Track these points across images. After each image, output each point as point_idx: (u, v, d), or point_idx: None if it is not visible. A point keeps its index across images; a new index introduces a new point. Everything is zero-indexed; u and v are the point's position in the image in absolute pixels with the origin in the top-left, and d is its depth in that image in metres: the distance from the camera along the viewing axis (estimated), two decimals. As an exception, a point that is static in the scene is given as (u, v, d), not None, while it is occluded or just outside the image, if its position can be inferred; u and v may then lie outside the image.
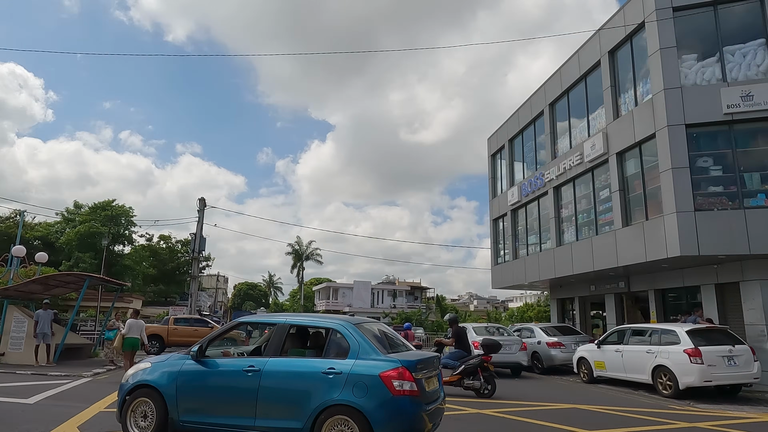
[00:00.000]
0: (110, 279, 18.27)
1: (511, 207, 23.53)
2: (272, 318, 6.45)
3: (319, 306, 69.20)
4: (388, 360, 5.16)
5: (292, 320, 6.03)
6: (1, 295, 16.61)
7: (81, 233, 38.77)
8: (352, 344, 5.32)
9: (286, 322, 5.91)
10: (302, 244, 66.34)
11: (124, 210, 42.71)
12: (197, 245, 32.89)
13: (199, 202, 34.13)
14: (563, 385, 13.53)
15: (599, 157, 16.68)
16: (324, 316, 6.69)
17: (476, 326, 17.39)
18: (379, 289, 69.89)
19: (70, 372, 13.39)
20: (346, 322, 5.70)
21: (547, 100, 20.54)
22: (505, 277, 24.15)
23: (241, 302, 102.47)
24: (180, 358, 5.96)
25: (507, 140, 24.47)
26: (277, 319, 6.15)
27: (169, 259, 47.03)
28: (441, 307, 73.02)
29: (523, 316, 70.09)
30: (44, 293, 18.26)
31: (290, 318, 6.07)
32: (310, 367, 5.32)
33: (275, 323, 6.03)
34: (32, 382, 11.62)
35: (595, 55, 17.22)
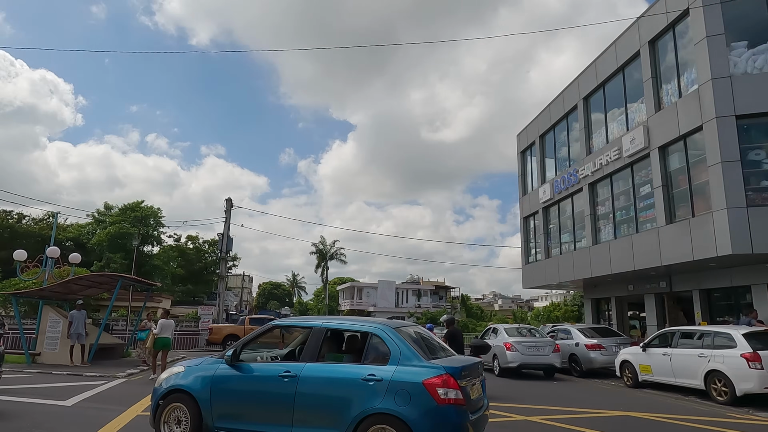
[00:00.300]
0: (142, 279, 18.37)
1: (542, 204, 22.90)
2: (307, 321, 6.21)
3: (344, 306, 69.17)
4: (431, 366, 4.91)
5: (329, 324, 5.81)
6: (36, 295, 16.85)
7: (111, 234, 39.43)
8: (392, 349, 5.07)
9: (322, 325, 5.69)
10: (326, 244, 66.51)
11: (152, 211, 43.30)
12: (225, 245, 33.09)
13: (225, 202, 34.34)
14: (606, 389, 12.96)
15: (639, 152, 16.00)
16: (361, 319, 6.42)
17: (507, 327, 17.06)
18: (404, 289, 69.49)
19: (105, 372, 13.42)
20: (385, 326, 5.45)
21: (581, 94, 19.88)
22: (537, 277, 23.53)
23: (265, 301, 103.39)
24: (214, 362, 5.80)
25: (537, 136, 23.85)
26: (312, 322, 5.93)
27: (197, 259, 47.53)
28: (466, 307, 72.36)
29: (549, 316, 68.89)
30: (78, 294, 18.46)
31: (326, 321, 5.86)
32: (349, 374, 5.10)
33: (311, 327, 5.80)
34: (68, 383, 11.64)
35: (634, 46, 16.53)
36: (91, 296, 20.03)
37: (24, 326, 16.80)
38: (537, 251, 24.01)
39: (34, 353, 15.62)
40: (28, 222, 46.33)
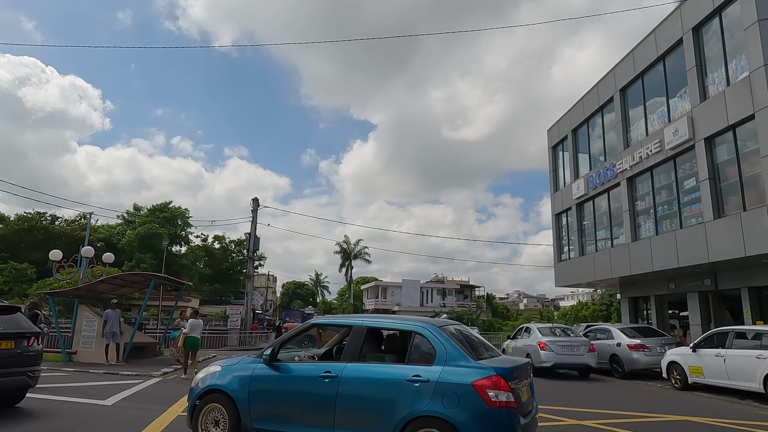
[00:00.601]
0: (174, 278, 18.45)
1: (576, 200, 22.26)
2: (348, 320, 6.00)
3: (368, 305, 69.05)
4: (480, 367, 4.68)
5: (370, 322, 5.58)
6: (72, 294, 17.04)
7: (141, 234, 40.05)
8: (438, 349, 4.86)
9: (363, 324, 5.48)
10: (350, 243, 66.47)
11: (180, 211, 43.87)
12: (252, 244, 33.24)
13: (252, 202, 34.53)
14: (654, 392, 12.39)
15: (683, 144, 15.32)
16: (403, 318, 6.19)
17: (541, 326, 16.68)
18: (428, 288, 68.99)
19: (140, 371, 13.44)
20: (429, 324, 5.23)
21: (618, 86, 19.20)
22: (571, 275, 22.89)
23: (289, 301, 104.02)
24: (251, 361, 5.66)
25: (570, 130, 23.19)
26: (352, 321, 5.71)
27: (223, 258, 47.97)
28: (492, 306, 71.51)
29: (577, 315, 67.58)
30: (111, 293, 18.62)
31: (367, 320, 5.63)
32: (392, 374, 4.88)
33: (351, 325, 5.61)
34: (106, 381, 11.65)
35: (676, 33, 15.84)
36: (125, 295, 20.22)
37: (59, 325, 17.03)
38: (570, 249, 23.37)
39: (71, 352, 15.79)
40: (61, 223, 47.47)
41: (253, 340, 30.81)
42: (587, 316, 67.17)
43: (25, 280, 36.31)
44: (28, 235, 42.76)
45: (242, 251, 47.89)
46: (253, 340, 30.72)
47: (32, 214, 45.85)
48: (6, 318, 7.59)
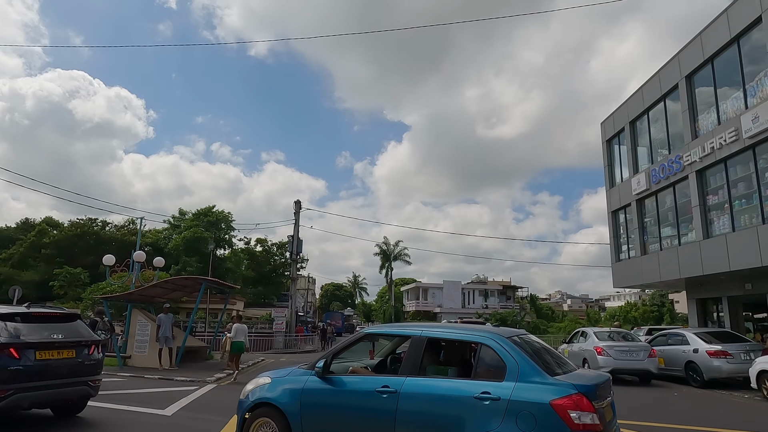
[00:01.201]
0: (223, 282, 18.39)
1: (636, 196, 20.97)
2: (405, 329, 5.52)
3: (409, 307, 68.40)
4: (558, 384, 4.19)
5: (430, 332, 5.14)
6: (125, 299, 17.17)
7: (187, 238, 40.72)
8: (508, 363, 4.38)
9: (422, 334, 5.04)
10: (390, 245, 65.94)
11: (223, 215, 44.44)
12: (295, 247, 33.18)
13: (294, 204, 34.48)
14: (744, 404, 11.26)
15: (764, 132, 14.02)
16: (466, 327, 5.67)
17: (598, 331, 16.09)
18: (470, 289, 67.76)
19: (194, 377, 13.28)
20: (496, 334, 4.74)
21: (683, 72, 17.91)
22: (632, 275, 21.59)
23: (328, 303, 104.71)
24: (302, 373, 5.33)
25: (627, 122, 21.90)
26: (411, 330, 5.26)
27: (266, 261, 48.36)
28: (536, 307, 69.47)
29: (626, 317, 64.86)
30: (163, 297, 18.72)
31: (427, 329, 5.19)
32: (458, 390, 4.45)
33: (409, 335, 5.17)
34: (162, 388, 11.49)
35: (754, 11, 14.52)
36: (174, 299, 20.33)
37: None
38: (630, 247, 22.06)
39: (125, 356, 15.87)
40: (111, 229, 48.99)
41: (299, 342, 30.70)
42: (637, 318, 64.42)
43: (79, 284, 37.51)
44: (80, 240, 44.29)
45: (284, 254, 48.17)
46: (299, 343, 30.61)
47: (84, 220, 47.58)
48: (66, 326, 7.39)
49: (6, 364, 6.38)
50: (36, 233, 46.46)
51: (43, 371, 6.72)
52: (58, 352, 6.96)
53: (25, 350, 6.60)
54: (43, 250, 43.93)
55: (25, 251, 44.66)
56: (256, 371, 16.18)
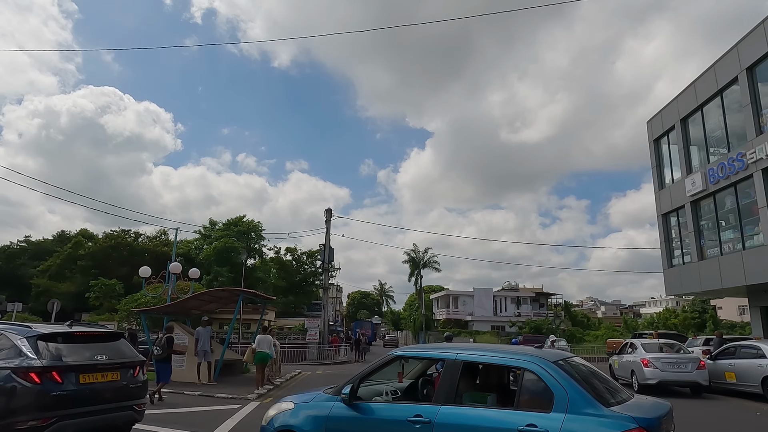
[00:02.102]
0: (260, 293, 17.92)
1: (691, 198, 19.71)
2: (438, 351, 5.05)
3: (439, 315, 67.24)
4: (615, 417, 3.71)
5: (466, 355, 4.65)
6: (162, 311, 16.86)
7: (218, 248, 40.71)
8: (556, 391, 3.92)
9: (458, 357, 4.57)
10: (418, 252, 64.98)
11: (253, 224, 44.38)
12: (327, 255, 32.68)
13: (325, 212, 34.05)
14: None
15: None
16: (506, 349, 5.12)
17: (646, 342, 15.82)
18: (501, 297, 66.25)
19: (234, 393, 12.74)
20: (540, 358, 4.26)
21: (744, 64, 16.72)
22: (688, 282, 20.27)
23: (355, 311, 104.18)
24: (327, 399, 4.97)
25: (678, 120, 20.70)
26: (444, 353, 4.80)
27: (296, 270, 48.08)
28: (570, 315, 67.44)
29: (665, 323, 62.34)
30: (199, 309, 18.36)
31: (462, 352, 4.70)
32: (500, 422, 4.01)
33: (443, 358, 4.73)
34: (204, 406, 10.97)
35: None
36: (211, 311, 19.97)
37: (150, 340, 16.86)
38: (684, 252, 20.76)
39: (163, 370, 15.43)
40: (143, 240, 49.51)
41: (333, 354, 30.08)
42: (677, 325, 61.81)
43: (114, 295, 37.80)
44: (114, 251, 44.82)
45: (314, 262, 47.82)
46: (333, 355, 29.99)
47: (118, 231, 48.17)
48: (110, 346, 6.86)
49: (48, 389, 5.87)
50: (72, 245, 47.27)
51: (86, 396, 6.19)
52: (102, 374, 6.43)
53: (67, 373, 6.09)
54: (79, 262, 44.60)
55: (61, 263, 45.43)
56: (294, 386, 15.58)
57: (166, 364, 11.81)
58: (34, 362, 5.96)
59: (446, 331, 57.58)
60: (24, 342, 6.19)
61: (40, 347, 6.15)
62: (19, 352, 6.13)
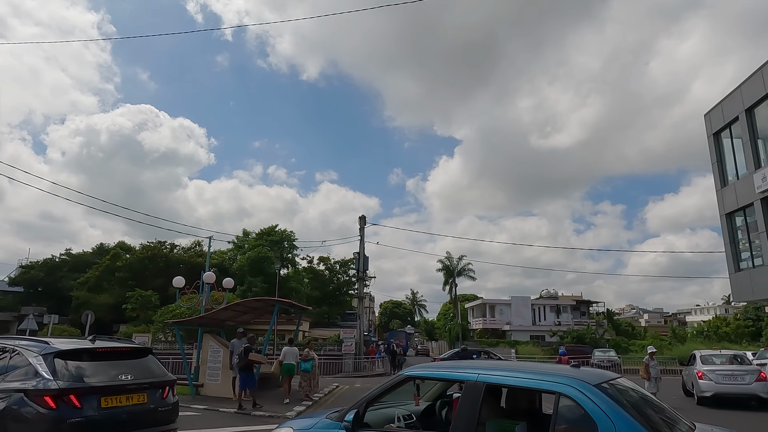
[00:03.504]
0: (296, 303, 17.13)
1: (761, 194, 17.96)
2: (456, 371, 4.26)
3: (475, 324, 65.41)
4: None
5: (489, 376, 3.83)
6: (196, 323, 16.21)
7: (251, 259, 40.40)
8: (600, 422, 3.17)
9: (479, 378, 3.81)
10: (452, 260, 63.51)
11: (286, 234, 43.98)
12: (361, 264, 31.85)
13: (359, 220, 33.27)
14: None
15: None
16: (536, 368, 4.40)
17: (705, 354, 15.39)
18: (540, 305, 63.96)
19: (272, 410, 11.91)
20: (580, 381, 3.48)
21: (822, 44, 15.06)
22: (761, 287, 18.43)
23: (387, 321, 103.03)
24: (328, 425, 4.32)
25: (743, 110, 19.01)
26: (463, 373, 4.04)
27: (329, 280, 47.42)
28: (614, 324, 64.55)
29: (717, 332, 58.88)
30: (233, 320, 17.69)
31: (484, 372, 3.89)
32: None
33: (462, 380, 3.95)
34: (241, 426, 10.17)
35: None
36: (245, 322, 19.29)
37: (185, 352, 16.26)
38: (755, 255, 18.94)
39: (197, 384, 14.79)
40: (178, 251, 49.81)
41: (371, 365, 29.08)
42: (729, 333, 58.30)
43: (150, 306, 37.87)
44: (151, 263, 45.14)
45: (347, 272, 47.06)
46: (371, 366, 28.99)
47: (154, 243, 48.60)
48: (136, 363, 6.05)
49: (65, 416, 5.06)
50: (110, 257, 47.90)
51: (109, 423, 5.37)
52: (127, 397, 5.60)
53: (87, 397, 5.27)
54: (117, 274, 45.08)
55: (100, 275, 46.02)
56: (332, 402, 14.65)
57: (248, 372, 12.23)
58: (50, 384, 5.18)
59: (483, 341, 55.90)
60: (39, 360, 5.43)
61: (58, 366, 5.37)
62: (34, 372, 5.37)
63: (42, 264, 54.21)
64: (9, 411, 5.11)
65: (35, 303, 47.30)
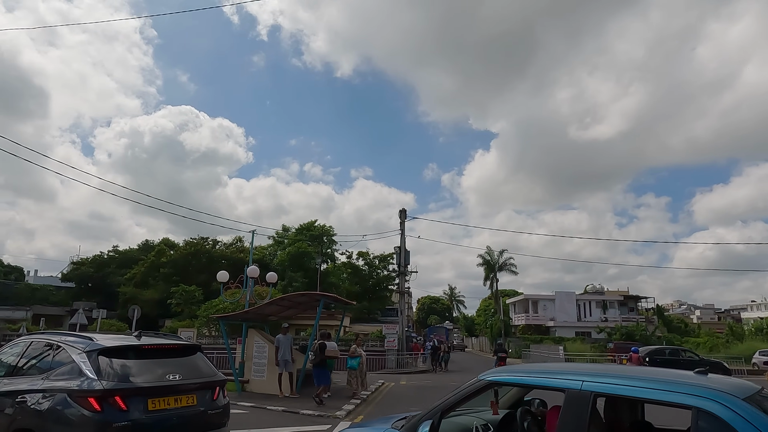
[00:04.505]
0: (340, 298, 16.67)
1: None
2: (552, 377, 3.44)
3: (517, 321, 63.81)
4: None
5: (597, 384, 3.10)
6: (241, 318, 15.97)
7: (291, 254, 40.43)
8: None
9: (584, 387, 3.08)
10: (493, 254, 62.02)
11: (325, 229, 43.83)
12: (403, 258, 31.24)
13: (399, 214, 32.70)
14: None
15: None
16: (651, 374, 3.33)
17: None
18: (585, 300, 61.73)
19: (320, 409, 11.43)
20: (724, 393, 2.70)
21: None
22: None
23: (425, 316, 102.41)
24: None
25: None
26: (560, 379, 3.30)
27: (369, 275, 47.06)
28: (665, 320, 61.63)
29: (779, 329, 55.35)
30: (277, 315, 17.40)
31: (590, 379, 3.15)
32: None
33: (561, 388, 3.21)
34: (290, 426, 9.71)
35: None
36: (289, 317, 19.00)
37: (230, 347, 16.06)
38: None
39: (243, 380, 14.53)
40: (220, 247, 50.52)
41: (413, 361, 28.48)
42: (792, 330, 54.71)
43: (194, 301, 38.43)
44: (194, 259, 45.93)
45: (387, 267, 46.58)
46: (414, 362, 28.39)
47: (197, 239, 49.45)
48: (185, 361, 5.58)
49: (110, 419, 4.62)
50: (155, 253, 49.04)
51: (156, 427, 4.90)
52: (175, 398, 5.13)
53: (134, 398, 4.82)
54: (162, 269, 46.09)
55: (146, 271, 47.18)
56: (380, 400, 14.08)
57: (322, 369, 12.46)
58: (94, 384, 4.74)
59: (526, 337, 54.33)
60: (83, 358, 5.01)
61: (102, 364, 4.94)
62: (78, 370, 4.96)
63: (92, 261, 56.18)
64: (52, 412, 4.71)
65: (85, 298, 48.95)
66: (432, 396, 15.82)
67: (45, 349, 5.56)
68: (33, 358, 5.59)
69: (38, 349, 5.65)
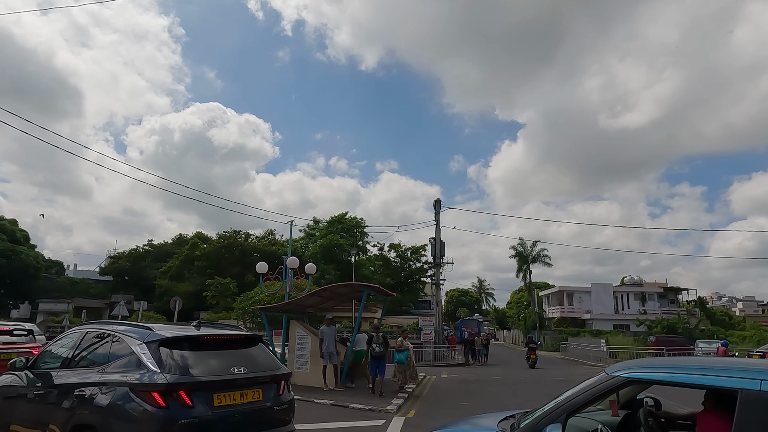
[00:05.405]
0: (382, 288, 16.21)
1: None
2: (717, 375, 2.77)
3: (551, 313, 62.43)
4: None
5: None
6: (282, 309, 15.72)
7: (323, 246, 40.27)
8: None
9: (763, 387, 2.47)
10: (526, 246, 60.76)
11: (356, 221, 43.51)
12: (438, 249, 30.63)
13: (435, 204, 31.97)
14: None
15: None
16: None
17: None
18: (622, 292, 59.95)
19: (370, 403, 11.02)
20: None
21: None
22: None
23: (454, 309, 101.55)
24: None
25: None
26: (728, 376, 2.69)
27: (401, 267, 46.58)
28: (707, 313, 59.35)
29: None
30: (316, 306, 17.09)
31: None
32: None
33: (731, 388, 2.62)
34: (343, 421, 9.29)
35: None
36: (328, 309, 18.68)
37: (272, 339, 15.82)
38: None
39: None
40: (252, 240, 50.81)
41: (450, 354, 27.94)
42: None
43: (228, 294, 38.67)
44: (227, 252, 46.25)
45: (419, 259, 46.03)
46: (451, 355, 27.85)
47: (230, 232, 49.84)
48: (247, 353, 5.18)
49: (175, 416, 4.23)
50: (189, 247, 49.63)
51: (222, 424, 4.49)
52: (241, 393, 4.72)
53: (198, 393, 4.42)
54: (196, 263, 46.59)
55: (180, 264, 47.79)
56: (427, 394, 13.60)
57: (381, 360, 12.74)
58: (157, 377, 4.35)
59: (561, 330, 53.08)
60: (143, 349, 4.64)
61: (163, 356, 4.55)
62: (137, 362, 4.58)
63: (128, 255, 57.32)
64: (114, 407, 4.35)
65: (123, 291, 50.02)
66: (479, 390, 15.28)
67: (101, 339, 5.23)
68: (89, 350, 5.27)
69: (94, 339, 5.32)
